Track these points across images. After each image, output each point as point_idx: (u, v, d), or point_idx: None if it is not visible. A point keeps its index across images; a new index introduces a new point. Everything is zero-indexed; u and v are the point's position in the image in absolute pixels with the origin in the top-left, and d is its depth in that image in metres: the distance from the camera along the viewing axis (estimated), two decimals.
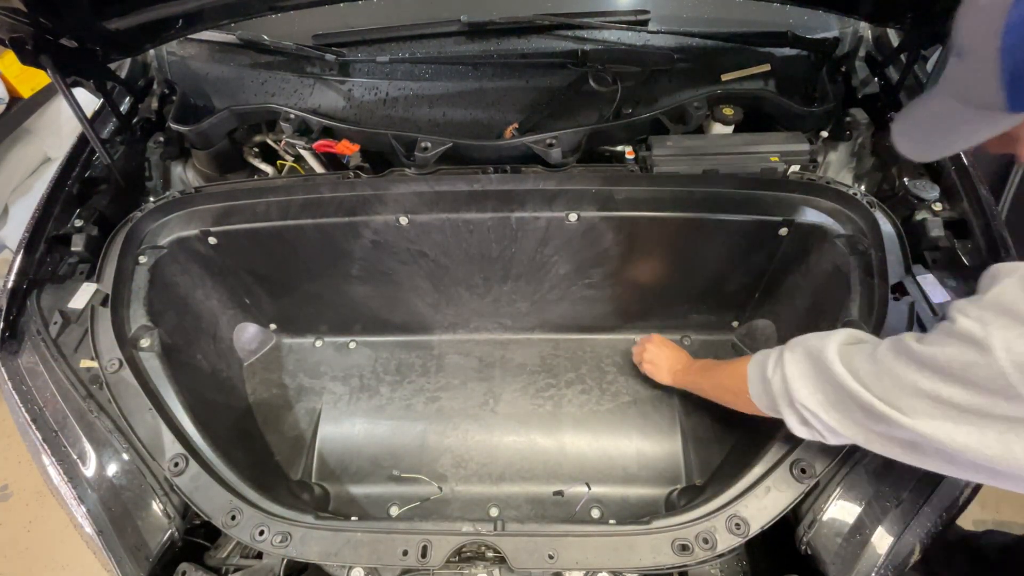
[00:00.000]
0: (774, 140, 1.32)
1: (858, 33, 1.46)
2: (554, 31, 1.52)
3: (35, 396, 1.11)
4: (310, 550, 0.97)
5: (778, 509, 0.96)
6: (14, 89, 2.44)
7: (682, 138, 1.36)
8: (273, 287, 1.55)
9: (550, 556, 0.94)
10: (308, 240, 1.39)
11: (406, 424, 1.55)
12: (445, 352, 1.67)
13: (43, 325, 1.18)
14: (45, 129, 2.65)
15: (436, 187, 1.31)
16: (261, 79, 1.57)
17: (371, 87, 1.54)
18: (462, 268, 1.47)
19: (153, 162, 1.50)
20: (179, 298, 1.39)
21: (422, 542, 0.96)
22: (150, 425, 1.08)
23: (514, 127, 1.44)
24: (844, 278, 1.19)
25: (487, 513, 1.40)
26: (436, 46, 1.54)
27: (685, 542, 0.95)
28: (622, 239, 1.37)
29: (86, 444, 1.06)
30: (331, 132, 1.43)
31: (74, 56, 1.23)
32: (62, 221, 1.32)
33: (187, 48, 1.60)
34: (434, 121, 1.52)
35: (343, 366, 1.65)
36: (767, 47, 1.49)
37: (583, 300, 1.56)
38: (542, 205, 1.32)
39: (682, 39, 1.49)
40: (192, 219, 1.36)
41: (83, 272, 1.27)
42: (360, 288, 1.54)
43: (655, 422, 1.51)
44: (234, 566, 1.05)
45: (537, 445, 1.50)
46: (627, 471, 1.45)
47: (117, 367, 1.12)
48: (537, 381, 1.60)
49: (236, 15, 1.33)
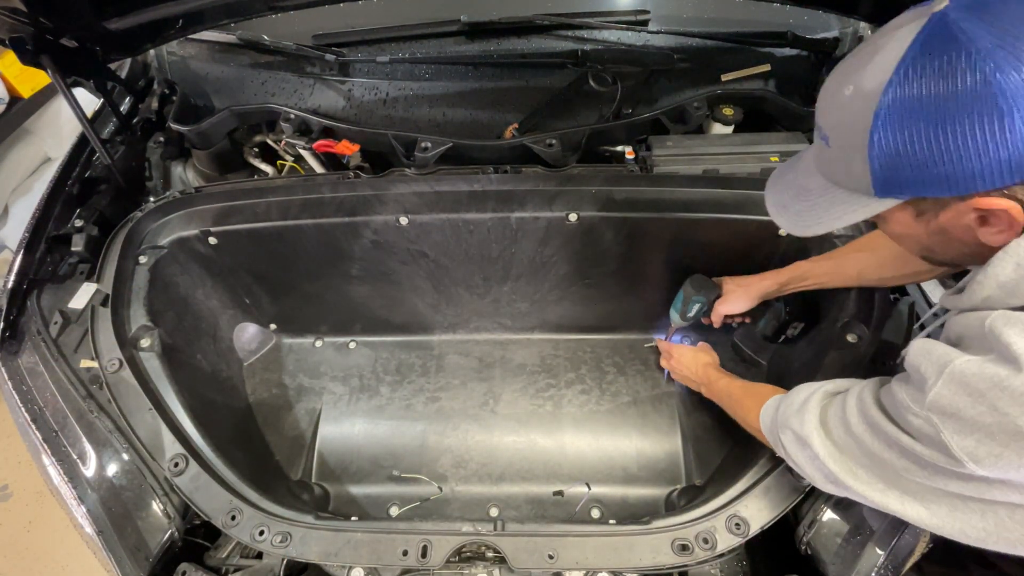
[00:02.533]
0: (774, 140, 1.32)
1: (858, 33, 1.46)
2: (554, 31, 1.52)
3: (35, 396, 1.11)
4: (310, 550, 0.97)
5: (778, 509, 0.96)
6: (14, 89, 2.44)
7: (682, 138, 1.36)
8: (273, 287, 1.55)
9: (550, 556, 0.94)
10: (308, 240, 1.39)
11: (406, 424, 1.55)
12: (445, 352, 1.67)
13: (43, 325, 1.18)
14: (45, 129, 2.65)
15: (436, 187, 1.31)
16: (261, 79, 1.57)
17: (371, 87, 1.54)
18: (462, 268, 1.47)
19: (153, 162, 1.50)
20: (179, 298, 1.39)
21: (422, 542, 0.96)
22: (150, 425, 1.08)
23: (514, 127, 1.44)
24: None
25: (487, 513, 1.40)
26: (436, 46, 1.54)
27: (685, 542, 0.95)
28: (622, 239, 1.37)
29: (86, 444, 1.06)
30: (331, 132, 1.43)
31: (74, 56, 1.23)
32: (62, 221, 1.31)
33: (187, 48, 1.60)
34: (434, 121, 1.52)
35: (343, 366, 1.65)
36: (767, 47, 1.49)
37: (583, 300, 1.56)
38: (542, 205, 1.32)
39: (682, 39, 1.49)
40: (192, 219, 1.36)
41: (83, 272, 1.27)
42: (360, 288, 1.54)
43: (655, 422, 1.51)
44: (234, 566, 1.05)
45: (537, 445, 1.50)
46: (627, 471, 1.45)
47: (117, 367, 1.12)
48: (537, 381, 1.60)
49: (236, 15, 1.33)
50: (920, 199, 0.62)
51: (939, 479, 0.66)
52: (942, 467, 0.64)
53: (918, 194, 0.61)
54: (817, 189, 0.71)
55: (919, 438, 0.66)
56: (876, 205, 0.64)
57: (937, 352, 0.64)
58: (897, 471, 0.70)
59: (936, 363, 0.63)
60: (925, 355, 0.65)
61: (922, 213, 0.64)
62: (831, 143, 0.66)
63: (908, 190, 0.61)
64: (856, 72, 0.62)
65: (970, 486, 0.64)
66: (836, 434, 0.78)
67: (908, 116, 0.57)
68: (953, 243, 0.65)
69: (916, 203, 0.63)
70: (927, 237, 0.66)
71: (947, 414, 0.61)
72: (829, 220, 0.69)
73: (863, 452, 0.74)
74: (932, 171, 0.57)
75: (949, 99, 0.55)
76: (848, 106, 0.62)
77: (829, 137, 0.66)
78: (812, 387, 0.88)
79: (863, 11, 1.26)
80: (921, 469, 0.67)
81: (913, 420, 0.65)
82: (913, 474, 0.68)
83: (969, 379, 0.60)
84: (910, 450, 0.67)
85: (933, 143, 0.56)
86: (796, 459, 0.85)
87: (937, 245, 0.67)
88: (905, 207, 0.64)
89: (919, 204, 0.63)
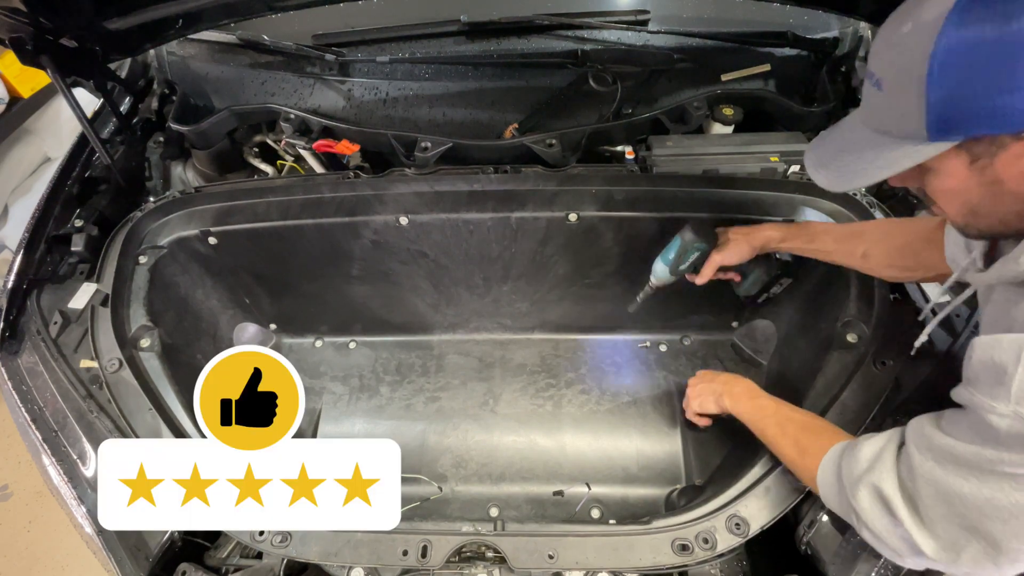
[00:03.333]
0: (774, 140, 1.32)
1: (858, 33, 1.46)
2: (554, 31, 1.52)
3: (35, 396, 1.11)
4: (310, 550, 0.97)
5: (778, 509, 0.96)
6: (14, 89, 2.44)
7: (682, 138, 1.36)
8: (273, 287, 1.55)
9: (550, 556, 0.94)
10: (308, 240, 1.39)
11: (406, 424, 1.55)
12: (445, 352, 1.66)
13: (43, 325, 1.18)
14: (45, 129, 2.65)
15: (436, 187, 1.31)
16: (261, 79, 1.57)
17: (371, 87, 1.54)
18: (462, 268, 1.47)
19: (153, 162, 1.50)
20: (179, 298, 1.39)
21: (422, 542, 0.96)
22: (150, 425, 1.08)
23: (514, 127, 1.44)
24: (844, 278, 1.19)
25: (487, 513, 1.40)
26: (436, 46, 1.54)
27: (685, 542, 0.95)
28: (622, 239, 1.37)
29: (86, 444, 1.06)
30: (331, 132, 1.43)
31: (74, 56, 1.23)
32: (62, 221, 1.31)
33: (187, 48, 1.59)
34: (434, 121, 1.52)
35: (343, 366, 1.65)
36: (767, 47, 1.49)
37: (583, 300, 1.56)
38: (542, 205, 1.32)
39: (682, 39, 1.49)
40: (192, 219, 1.36)
41: (83, 272, 1.27)
42: (360, 288, 1.54)
43: (655, 422, 1.51)
44: (234, 566, 1.04)
45: (537, 445, 1.50)
46: (627, 471, 1.44)
47: (117, 367, 1.12)
48: (537, 381, 1.60)
49: (236, 15, 1.33)
50: (975, 140, 0.59)
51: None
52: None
53: (975, 131, 0.58)
54: (862, 141, 0.68)
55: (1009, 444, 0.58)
56: (929, 149, 0.61)
57: (1007, 339, 0.60)
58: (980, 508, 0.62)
59: (1011, 349, 0.58)
60: (993, 346, 0.61)
61: (976, 159, 0.60)
62: (884, 86, 0.64)
63: (965, 127, 0.58)
64: (915, 8, 0.61)
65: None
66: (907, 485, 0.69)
67: (970, 42, 0.55)
68: (1005, 197, 0.61)
69: (970, 146, 0.60)
70: (978, 190, 0.62)
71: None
72: (874, 171, 0.67)
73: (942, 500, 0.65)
74: (993, 102, 0.55)
75: (1011, 23, 0.53)
76: (906, 41, 0.60)
77: (883, 80, 0.64)
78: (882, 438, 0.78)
79: (863, 11, 1.26)
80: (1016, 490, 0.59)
81: (998, 422, 0.59)
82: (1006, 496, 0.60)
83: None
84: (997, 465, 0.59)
85: (993, 71, 0.55)
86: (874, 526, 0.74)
87: (987, 201, 0.63)
88: (959, 152, 0.61)
89: (973, 147, 0.60)
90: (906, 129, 0.62)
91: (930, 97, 0.58)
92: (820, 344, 1.21)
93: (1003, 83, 0.55)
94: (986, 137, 0.58)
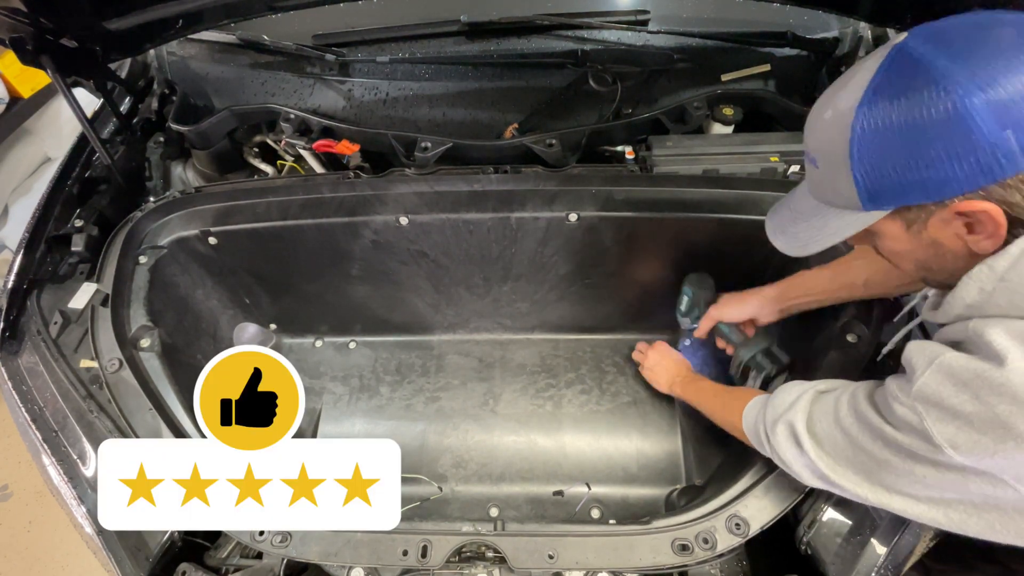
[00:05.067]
0: (774, 140, 1.32)
1: (858, 33, 1.46)
2: (554, 31, 1.52)
3: (35, 396, 1.11)
4: (310, 550, 0.97)
5: (778, 509, 0.96)
6: (14, 89, 2.44)
7: (682, 138, 1.36)
8: (273, 287, 1.55)
9: (550, 556, 0.94)
10: (308, 240, 1.39)
11: (406, 424, 1.55)
12: (445, 352, 1.67)
13: (43, 325, 1.18)
14: (45, 129, 2.65)
15: (436, 187, 1.31)
16: (261, 79, 1.57)
17: (371, 87, 1.54)
18: (462, 268, 1.47)
19: (153, 162, 1.50)
20: (179, 298, 1.39)
21: (422, 542, 0.96)
22: (150, 425, 1.08)
23: (514, 127, 1.44)
24: None
25: (487, 513, 1.40)
26: (436, 46, 1.54)
27: (685, 542, 0.95)
28: (622, 239, 1.37)
29: (86, 444, 1.06)
30: (331, 132, 1.43)
31: (74, 56, 1.23)
32: (62, 221, 1.31)
33: (187, 48, 1.59)
34: (434, 121, 1.52)
35: (343, 366, 1.65)
36: (767, 47, 1.49)
37: (583, 300, 1.56)
38: (542, 205, 1.32)
39: (682, 39, 1.49)
40: (192, 219, 1.36)
41: (83, 272, 1.27)
42: (360, 288, 1.54)
43: (655, 422, 1.51)
44: (234, 566, 1.04)
45: (537, 445, 1.50)
46: (627, 471, 1.45)
47: (117, 367, 1.12)
48: (537, 381, 1.60)
49: (236, 15, 1.33)
50: (905, 208, 0.65)
51: (918, 468, 0.69)
52: (922, 455, 0.67)
53: (902, 202, 0.64)
54: (810, 210, 0.76)
55: (901, 427, 0.69)
56: (866, 217, 0.68)
57: (930, 347, 0.69)
58: (879, 464, 0.73)
59: (927, 356, 0.67)
60: (919, 351, 0.69)
61: (911, 223, 0.67)
62: (819, 164, 0.71)
63: (892, 199, 0.64)
64: (833, 97, 0.68)
65: (947, 477, 0.67)
66: (822, 428, 0.81)
67: (880, 128, 0.62)
68: (947, 256, 0.68)
69: (903, 213, 0.66)
70: (922, 251, 0.69)
71: (931, 402, 0.65)
72: (824, 237, 0.74)
73: (849, 446, 0.77)
74: (909, 177, 0.61)
75: (913, 111, 0.59)
76: (829, 127, 0.67)
77: (816, 159, 0.72)
78: (803, 385, 0.89)
79: (863, 11, 1.26)
80: (902, 461, 0.70)
81: (898, 409, 0.68)
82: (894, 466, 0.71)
83: (955, 370, 0.64)
84: (892, 440, 0.70)
85: (905, 151, 0.61)
86: (784, 455, 0.86)
87: (933, 260, 0.70)
88: (894, 218, 0.67)
89: (906, 214, 0.66)
90: (843, 200, 0.69)
91: (855, 175, 0.65)
92: (820, 344, 1.21)
93: (916, 161, 0.60)
94: (914, 206, 0.64)
